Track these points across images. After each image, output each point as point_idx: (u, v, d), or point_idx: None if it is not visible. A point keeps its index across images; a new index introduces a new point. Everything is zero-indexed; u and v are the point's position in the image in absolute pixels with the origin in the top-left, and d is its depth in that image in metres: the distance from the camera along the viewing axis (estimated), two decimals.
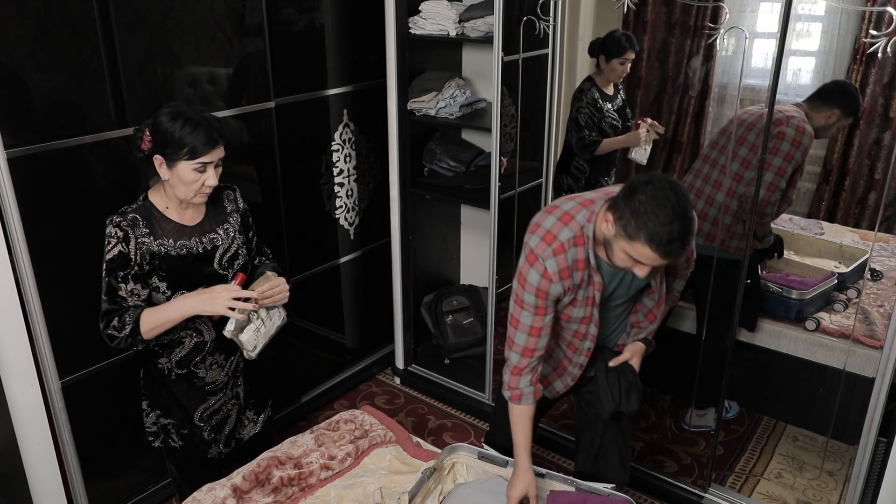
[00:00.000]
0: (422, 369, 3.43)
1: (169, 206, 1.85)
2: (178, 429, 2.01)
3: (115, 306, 1.79)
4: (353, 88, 3.09)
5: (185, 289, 1.86)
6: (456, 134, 3.40)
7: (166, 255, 1.83)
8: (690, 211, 1.57)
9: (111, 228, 1.78)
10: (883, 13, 2.02)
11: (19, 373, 2.12)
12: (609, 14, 2.81)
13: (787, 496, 2.66)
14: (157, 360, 1.95)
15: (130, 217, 1.79)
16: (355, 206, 3.27)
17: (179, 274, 1.85)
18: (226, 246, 1.92)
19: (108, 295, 1.80)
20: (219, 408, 2.04)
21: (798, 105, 2.55)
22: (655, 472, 2.73)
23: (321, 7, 2.87)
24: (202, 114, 1.78)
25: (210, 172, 1.77)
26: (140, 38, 2.25)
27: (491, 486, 1.90)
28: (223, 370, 2.01)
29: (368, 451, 2.14)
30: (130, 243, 1.78)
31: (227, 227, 1.94)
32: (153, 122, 1.76)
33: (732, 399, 3.06)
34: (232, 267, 1.93)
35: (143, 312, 1.79)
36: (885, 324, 2.58)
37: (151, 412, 2.02)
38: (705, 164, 2.68)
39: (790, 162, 2.50)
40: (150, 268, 1.82)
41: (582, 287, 1.79)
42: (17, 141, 2.00)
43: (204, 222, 1.90)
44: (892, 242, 3.01)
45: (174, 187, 1.79)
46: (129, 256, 1.78)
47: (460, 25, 2.91)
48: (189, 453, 2.05)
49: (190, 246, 1.86)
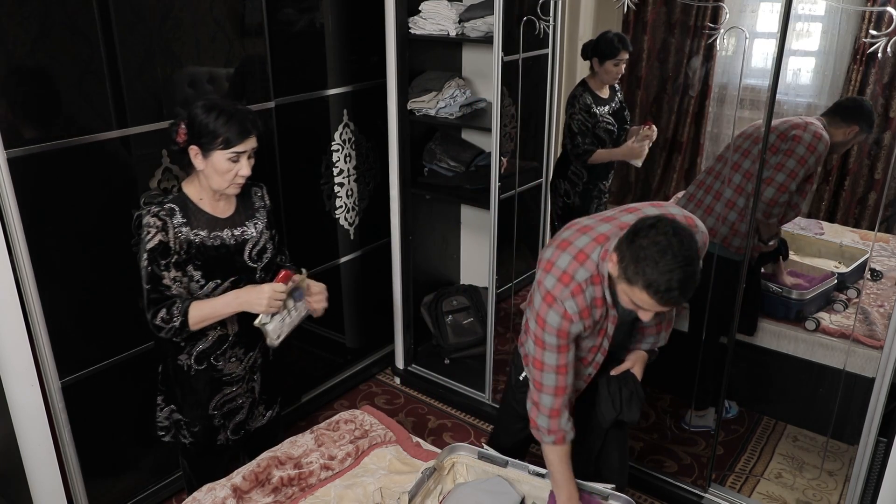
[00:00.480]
0: (422, 369, 3.43)
1: (203, 197, 1.90)
2: (189, 426, 2.05)
3: (160, 295, 1.83)
4: (353, 88, 3.09)
5: (218, 278, 1.91)
6: (456, 134, 3.40)
7: (201, 244, 1.87)
8: (696, 260, 1.53)
9: (149, 218, 1.81)
10: (883, 13, 2.02)
11: (19, 373, 2.12)
12: (609, 14, 2.81)
13: (787, 496, 2.66)
14: (176, 357, 1.98)
15: (168, 207, 1.84)
16: (355, 206, 3.27)
17: (213, 264, 1.90)
18: (255, 240, 1.98)
19: (151, 283, 1.83)
20: (233, 398, 2.08)
21: (818, 118, 2.56)
22: (655, 472, 2.73)
23: (321, 7, 2.87)
24: (235, 105, 1.84)
25: (243, 162, 1.83)
26: (140, 38, 2.25)
27: (491, 486, 1.90)
28: (241, 364, 2.05)
29: (368, 451, 2.14)
30: (169, 232, 1.82)
31: (255, 221, 1.99)
32: (188, 114, 1.82)
33: (732, 399, 3.06)
34: (260, 260, 1.99)
35: (192, 306, 1.83)
36: (885, 324, 2.58)
37: (166, 407, 2.07)
38: (709, 176, 2.68)
39: (803, 166, 2.50)
40: (186, 256, 1.86)
41: (600, 321, 1.78)
42: (17, 141, 2.00)
43: (235, 215, 1.95)
44: (892, 242, 3.01)
45: (209, 178, 1.84)
46: (168, 245, 1.82)
47: (460, 25, 2.91)
48: (199, 447, 2.09)
49: (223, 237, 1.91)
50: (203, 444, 2.08)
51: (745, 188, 2.54)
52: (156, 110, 2.34)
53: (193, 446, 2.08)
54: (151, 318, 1.83)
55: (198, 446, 2.08)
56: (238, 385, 2.07)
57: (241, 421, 2.12)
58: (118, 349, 2.40)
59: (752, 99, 2.78)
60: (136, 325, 2.43)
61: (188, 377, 2.00)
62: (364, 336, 3.50)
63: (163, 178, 2.39)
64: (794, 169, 2.50)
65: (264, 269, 2.00)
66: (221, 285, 1.92)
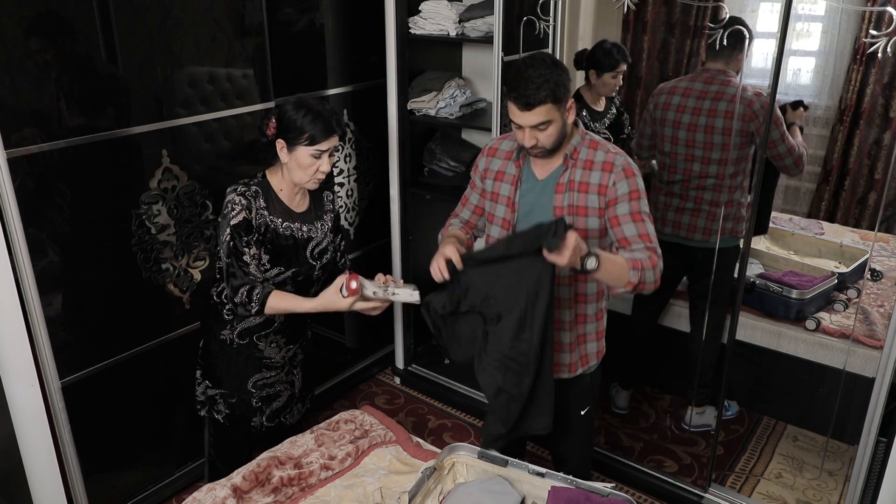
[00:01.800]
0: (422, 369, 3.43)
1: (283, 188, 1.99)
2: (227, 398, 2.12)
3: (238, 271, 1.90)
4: (353, 88, 3.09)
5: (282, 265, 1.99)
6: (456, 134, 3.40)
7: (275, 231, 1.97)
8: (541, 65, 1.71)
9: (234, 196, 1.91)
10: (883, 13, 2.02)
11: (19, 373, 2.12)
12: (609, 14, 2.81)
13: (787, 496, 2.66)
14: (219, 332, 2.07)
15: (253, 189, 1.94)
16: (355, 205, 3.27)
17: (280, 252, 1.98)
18: (318, 239, 2.06)
19: (231, 257, 1.91)
20: (272, 384, 2.15)
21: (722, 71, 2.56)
22: (655, 472, 2.73)
23: (321, 7, 2.87)
24: (323, 106, 1.92)
25: (325, 159, 1.92)
26: (140, 38, 2.25)
27: (491, 486, 1.90)
28: (280, 351, 2.13)
29: (368, 451, 2.14)
30: (252, 212, 1.92)
31: (322, 223, 2.09)
32: (279, 109, 1.91)
33: (732, 398, 3.06)
34: (321, 259, 2.07)
35: (272, 294, 1.90)
36: (885, 324, 2.58)
37: (202, 382, 2.14)
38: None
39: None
40: (262, 238, 1.95)
41: (499, 179, 1.95)
42: (17, 141, 2.00)
43: (307, 213, 2.05)
44: (892, 242, 3.01)
45: (291, 171, 1.93)
46: (251, 223, 1.91)
47: (460, 25, 2.91)
48: (231, 425, 2.16)
49: (294, 229, 2.01)
50: (237, 418, 2.14)
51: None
52: (156, 110, 2.34)
53: (228, 419, 2.14)
54: (231, 294, 1.91)
55: (232, 419, 2.14)
56: (277, 372, 2.15)
57: (277, 409, 2.20)
58: (118, 349, 2.40)
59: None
60: (135, 325, 2.44)
61: (230, 350, 2.08)
62: (364, 336, 3.50)
63: (163, 178, 2.39)
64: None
65: (323, 267, 2.09)
66: (284, 273, 2.00)
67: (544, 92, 1.70)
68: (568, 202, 1.85)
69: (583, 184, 1.84)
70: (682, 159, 2.63)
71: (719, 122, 2.52)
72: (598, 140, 1.89)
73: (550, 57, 1.79)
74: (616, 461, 2.78)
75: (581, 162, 1.85)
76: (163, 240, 2.43)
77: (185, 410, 2.57)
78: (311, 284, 2.08)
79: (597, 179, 1.83)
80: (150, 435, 2.61)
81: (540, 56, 1.77)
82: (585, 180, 1.84)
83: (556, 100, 1.72)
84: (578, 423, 2.11)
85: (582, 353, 2.01)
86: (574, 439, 2.14)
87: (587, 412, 2.11)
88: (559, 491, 1.85)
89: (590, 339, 2.01)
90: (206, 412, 2.16)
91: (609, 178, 1.81)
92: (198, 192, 2.50)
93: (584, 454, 2.21)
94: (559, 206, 1.86)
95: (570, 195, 1.85)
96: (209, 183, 2.51)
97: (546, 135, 1.77)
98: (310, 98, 1.93)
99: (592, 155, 1.85)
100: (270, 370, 2.13)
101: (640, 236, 1.80)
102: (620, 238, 1.82)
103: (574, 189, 1.84)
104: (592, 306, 1.97)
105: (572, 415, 2.08)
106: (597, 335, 2.03)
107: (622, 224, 1.81)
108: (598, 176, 1.82)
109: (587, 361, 2.03)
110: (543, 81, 1.69)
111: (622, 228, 1.81)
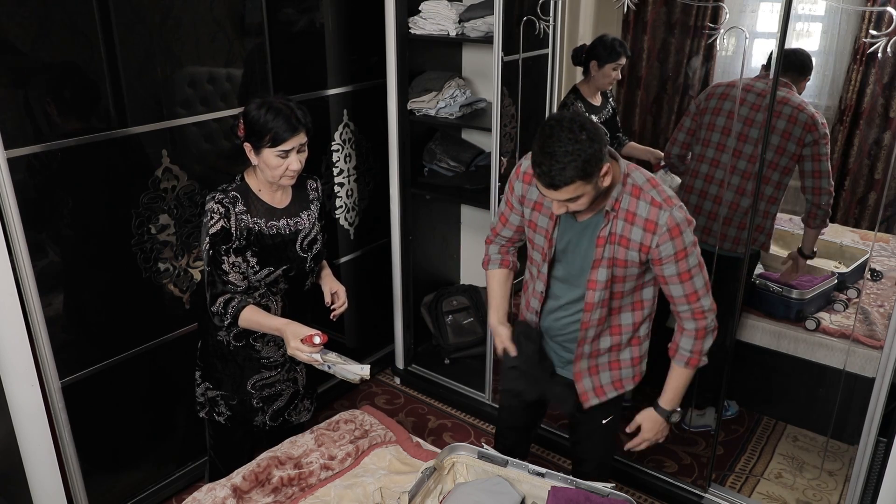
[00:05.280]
0: (422, 369, 3.43)
1: (261, 188, 1.97)
2: (228, 400, 2.10)
3: (219, 280, 1.90)
4: (353, 88, 3.09)
5: (272, 265, 1.96)
6: (456, 134, 3.40)
7: (259, 232, 1.94)
8: (566, 143, 1.56)
9: (213, 205, 1.89)
10: (883, 13, 2.02)
11: (19, 373, 2.12)
12: (609, 14, 2.81)
13: (787, 496, 2.66)
14: (216, 333, 2.05)
15: (231, 195, 1.91)
16: (355, 205, 3.27)
17: (269, 252, 1.96)
18: (307, 231, 2.04)
19: (210, 266, 1.91)
20: (272, 383, 2.13)
21: (786, 84, 2.55)
22: (655, 472, 2.73)
23: (321, 7, 2.87)
24: (286, 101, 1.87)
25: (293, 157, 1.88)
26: (140, 38, 2.25)
27: (491, 486, 1.90)
28: (280, 349, 2.10)
29: (368, 451, 2.15)
30: (231, 219, 1.89)
31: (308, 213, 2.06)
32: (244, 111, 1.88)
33: (732, 399, 3.06)
34: (311, 251, 2.05)
35: (246, 309, 1.89)
36: (885, 324, 2.58)
37: (202, 383, 2.13)
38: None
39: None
40: (245, 243, 1.92)
41: (537, 210, 1.87)
42: (17, 141, 2.00)
43: (291, 206, 2.02)
44: (892, 242, 3.01)
45: (263, 171, 1.91)
46: (230, 231, 1.89)
47: (460, 25, 2.91)
48: (232, 426, 2.14)
49: (279, 227, 1.98)
50: (239, 420, 2.13)
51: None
52: (156, 110, 2.34)
53: (229, 421, 2.13)
54: (210, 301, 1.91)
55: (234, 421, 2.13)
56: (277, 371, 2.13)
57: (279, 408, 2.18)
58: (118, 349, 2.40)
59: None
60: (135, 325, 2.44)
61: (228, 352, 2.06)
62: (364, 336, 3.50)
63: (163, 178, 2.39)
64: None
65: (314, 259, 2.06)
66: (274, 272, 1.98)
67: (571, 171, 1.56)
68: (609, 255, 1.79)
69: (623, 238, 1.76)
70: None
71: (774, 139, 2.54)
72: (642, 186, 1.74)
73: (580, 122, 1.59)
74: (616, 461, 2.78)
75: (623, 212, 1.74)
76: (163, 240, 2.43)
77: (184, 410, 2.57)
78: (304, 278, 2.07)
79: (638, 237, 1.73)
80: (150, 435, 2.61)
81: (568, 124, 1.57)
82: (627, 235, 1.75)
83: (586, 176, 1.58)
84: (601, 430, 2.10)
85: (615, 378, 2.01)
86: (592, 443, 2.14)
87: (609, 422, 2.09)
88: (559, 491, 1.85)
89: (624, 365, 2.00)
90: (206, 414, 2.15)
91: (652, 240, 1.72)
92: (198, 192, 2.50)
93: (603, 460, 2.19)
94: (598, 258, 1.80)
95: (611, 248, 1.78)
96: (209, 183, 2.51)
97: (578, 204, 1.66)
98: (274, 97, 1.89)
99: (635, 206, 1.73)
100: (270, 370, 2.12)
101: (686, 297, 1.79)
102: (667, 294, 1.83)
103: (615, 242, 1.77)
104: (626, 335, 1.96)
105: (595, 420, 2.08)
106: (632, 361, 2.00)
107: (669, 284, 1.80)
108: (640, 234, 1.73)
109: (622, 386, 2.02)
110: (571, 160, 1.55)
111: (669, 288, 1.81)
